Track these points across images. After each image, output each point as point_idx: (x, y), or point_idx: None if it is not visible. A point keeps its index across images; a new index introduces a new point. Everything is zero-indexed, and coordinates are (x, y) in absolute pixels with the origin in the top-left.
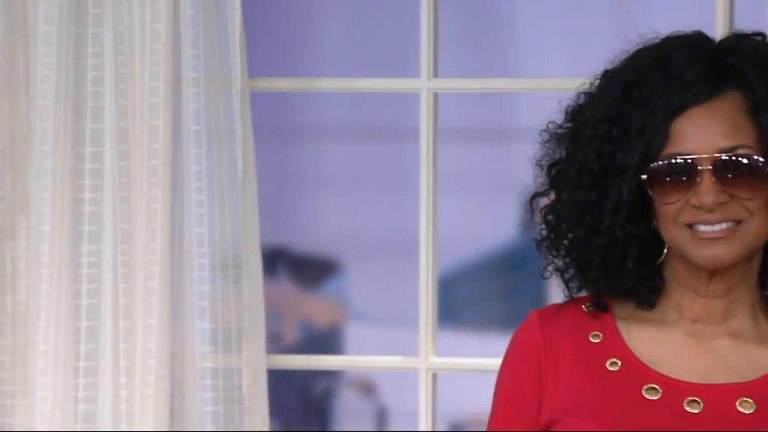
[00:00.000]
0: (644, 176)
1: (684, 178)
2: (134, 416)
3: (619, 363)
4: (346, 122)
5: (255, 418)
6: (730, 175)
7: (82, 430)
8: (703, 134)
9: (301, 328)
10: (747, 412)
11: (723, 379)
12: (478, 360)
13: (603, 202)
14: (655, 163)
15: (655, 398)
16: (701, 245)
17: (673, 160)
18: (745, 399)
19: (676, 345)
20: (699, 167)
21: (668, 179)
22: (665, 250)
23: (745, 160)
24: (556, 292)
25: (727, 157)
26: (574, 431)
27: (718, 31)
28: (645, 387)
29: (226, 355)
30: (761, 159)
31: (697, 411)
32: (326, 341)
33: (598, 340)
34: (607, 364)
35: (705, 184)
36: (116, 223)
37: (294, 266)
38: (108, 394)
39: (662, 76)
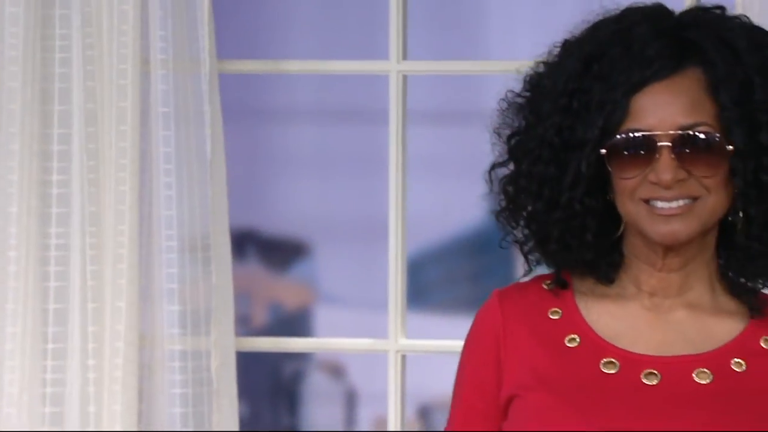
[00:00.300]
0: (603, 151)
1: (642, 153)
2: (103, 398)
3: (578, 339)
4: (316, 104)
5: (223, 401)
6: (688, 152)
7: (51, 425)
8: (662, 110)
9: (271, 311)
10: (704, 383)
11: (681, 351)
12: (447, 342)
13: (562, 176)
14: (614, 138)
15: (613, 372)
16: (658, 221)
17: (632, 135)
18: (702, 370)
19: (634, 319)
20: (658, 143)
21: (626, 154)
22: (623, 224)
23: (703, 137)
24: None
25: (685, 134)
26: (533, 405)
27: (686, 3)
28: (603, 361)
29: (195, 338)
30: (719, 136)
31: (654, 383)
32: (295, 323)
33: (557, 317)
34: (565, 341)
35: (663, 160)
36: (84, 205)
37: (263, 248)
38: (76, 376)
39: (623, 51)
